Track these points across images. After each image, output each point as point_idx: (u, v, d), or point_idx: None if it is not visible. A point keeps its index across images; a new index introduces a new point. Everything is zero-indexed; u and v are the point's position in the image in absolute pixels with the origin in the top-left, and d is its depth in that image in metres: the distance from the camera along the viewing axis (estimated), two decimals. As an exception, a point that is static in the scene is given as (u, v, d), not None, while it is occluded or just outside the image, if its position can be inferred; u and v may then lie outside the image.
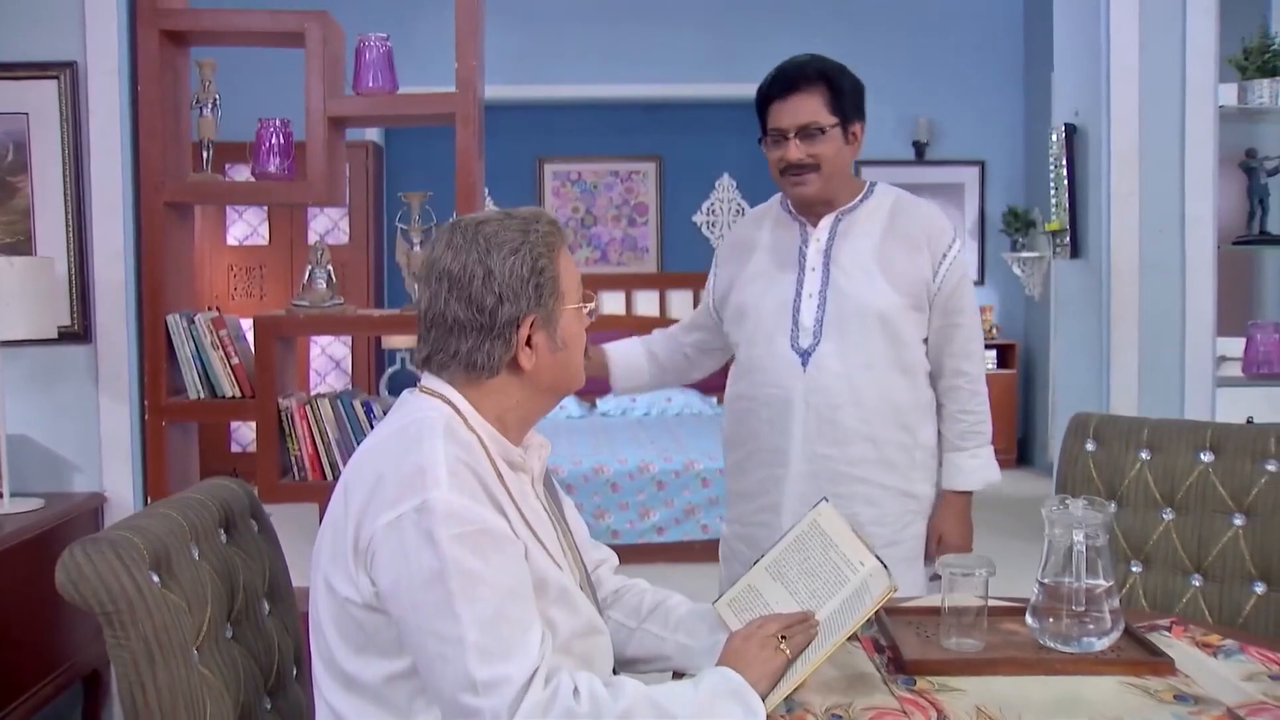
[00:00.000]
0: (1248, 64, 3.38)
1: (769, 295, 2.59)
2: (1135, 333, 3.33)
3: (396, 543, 1.49)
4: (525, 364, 1.66)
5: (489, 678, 1.45)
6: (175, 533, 1.67)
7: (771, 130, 2.52)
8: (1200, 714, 1.60)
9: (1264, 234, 3.52)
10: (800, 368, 2.52)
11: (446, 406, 1.65)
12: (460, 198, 3.25)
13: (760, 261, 2.64)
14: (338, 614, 1.58)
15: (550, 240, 1.69)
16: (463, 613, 1.46)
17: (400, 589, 1.49)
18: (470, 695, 1.45)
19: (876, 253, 2.54)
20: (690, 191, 8.82)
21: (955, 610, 1.88)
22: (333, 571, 1.58)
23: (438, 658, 1.48)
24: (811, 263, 2.57)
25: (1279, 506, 2.37)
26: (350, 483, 1.60)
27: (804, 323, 2.54)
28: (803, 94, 2.48)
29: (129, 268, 3.35)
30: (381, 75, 3.31)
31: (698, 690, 1.57)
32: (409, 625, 1.50)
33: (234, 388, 3.27)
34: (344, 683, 1.60)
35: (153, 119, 3.24)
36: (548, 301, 1.66)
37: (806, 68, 2.50)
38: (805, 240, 2.59)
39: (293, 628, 1.98)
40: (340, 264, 7.59)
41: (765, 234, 2.67)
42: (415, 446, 1.56)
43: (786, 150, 2.49)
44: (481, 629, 1.46)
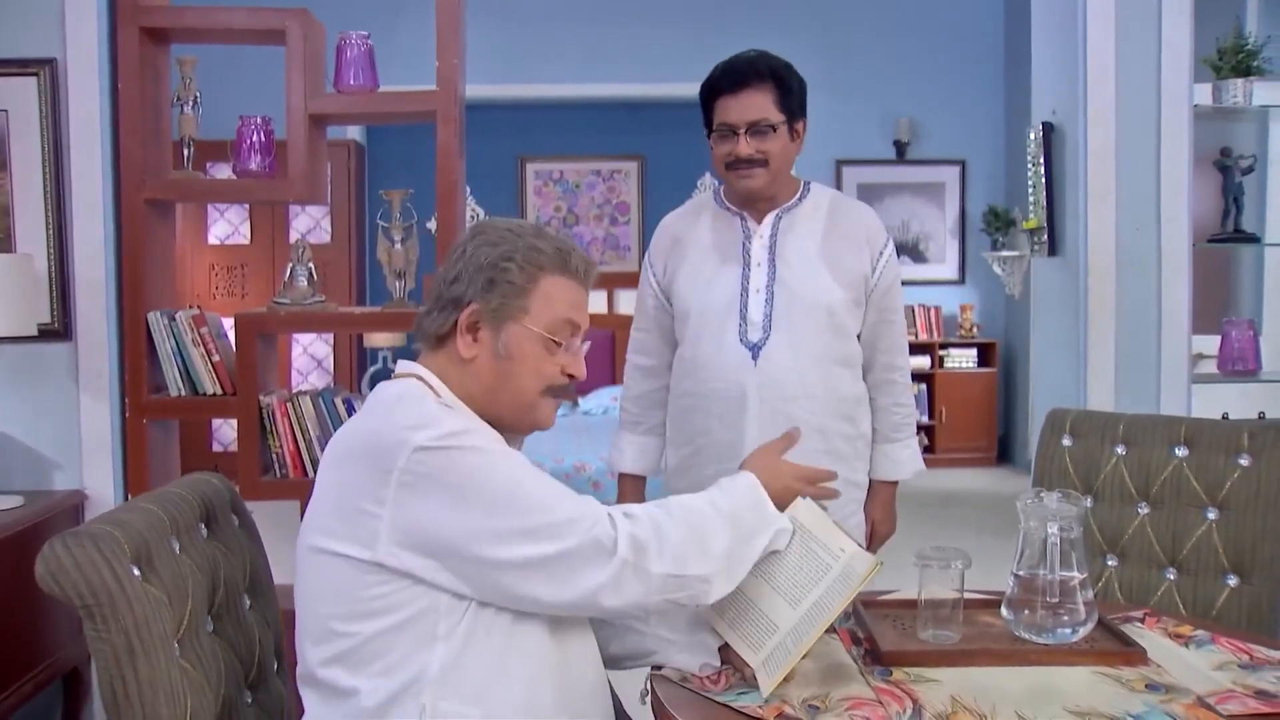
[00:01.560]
0: (1222, 64, 3.41)
1: (715, 291, 2.59)
2: (1112, 330, 3.36)
3: (432, 471, 1.57)
4: (463, 350, 1.73)
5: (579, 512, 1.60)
6: (156, 527, 1.67)
7: (720, 125, 2.52)
8: (1171, 702, 1.63)
9: (1238, 232, 3.56)
10: (751, 362, 2.54)
11: (419, 383, 1.74)
12: (441, 196, 3.25)
13: (701, 257, 2.64)
14: (337, 579, 1.60)
15: (536, 256, 1.74)
16: (528, 482, 1.61)
17: (463, 502, 1.57)
18: (576, 534, 1.58)
19: (820, 249, 2.59)
20: (672, 191, 8.79)
21: (931, 603, 1.90)
22: (332, 541, 1.60)
23: (529, 533, 1.57)
24: (756, 258, 2.58)
25: (1251, 501, 2.40)
26: (338, 456, 1.66)
27: (752, 318, 2.55)
28: (753, 90, 2.49)
29: (109, 265, 3.34)
30: (362, 73, 3.32)
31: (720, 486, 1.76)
32: (486, 531, 1.57)
33: (215, 385, 3.27)
34: (336, 651, 1.62)
35: (133, 116, 3.23)
36: (494, 300, 1.72)
37: (757, 64, 2.51)
38: (748, 236, 2.61)
39: (274, 622, 1.98)
40: (322, 263, 7.53)
41: (704, 230, 2.66)
42: (401, 404, 1.67)
43: (737, 145, 2.50)
44: (551, 487, 1.63)
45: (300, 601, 1.67)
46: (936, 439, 8.22)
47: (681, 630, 1.86)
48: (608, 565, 1.57)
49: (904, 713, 1.60)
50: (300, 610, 1.67)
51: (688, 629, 1.86)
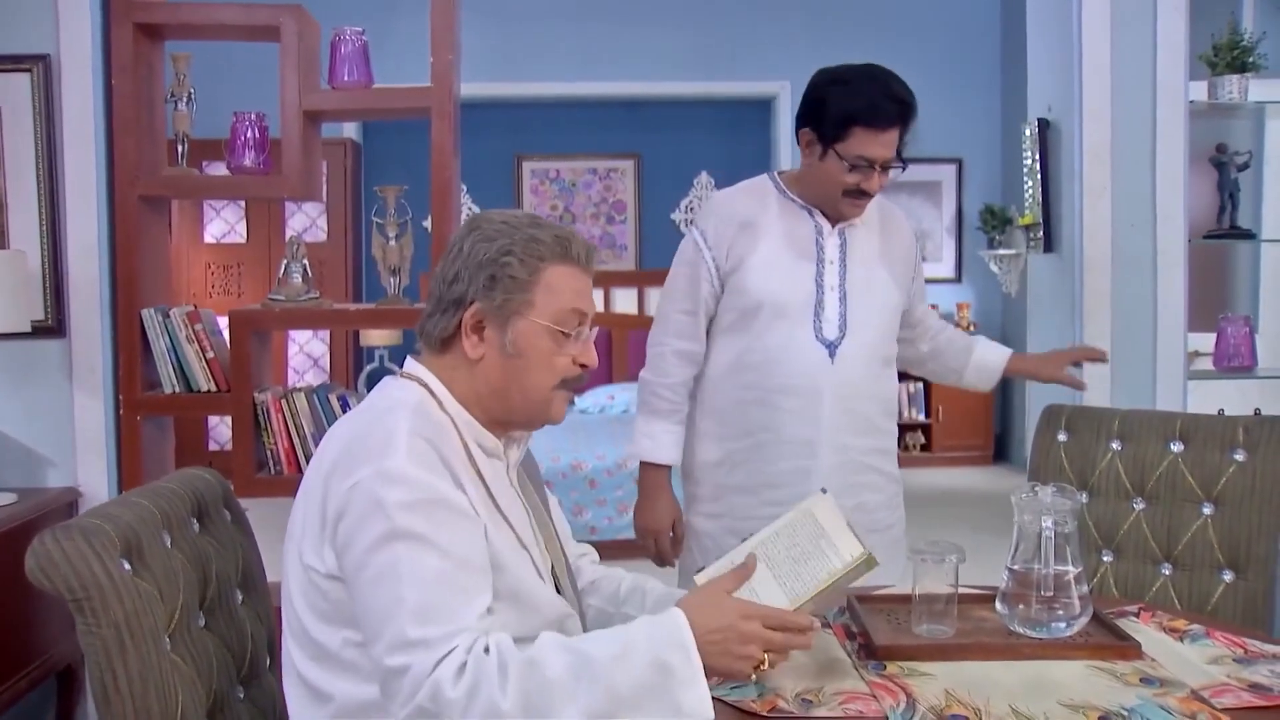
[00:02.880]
0: (1218, 60, 3.40)
1: (790, 284, 2.53)
2: (1108, 326, 3.35)
3: (354, 509, 1.53)
4: (469, 351, 1.70)
5: (420, 636, 1.47)
6: (147, 521, 1.67)
7: (860, 158, 2.42)
8: (1165, 695, 1.62)
9: (1234, 228, 3.55)
10: (828, 360, 2.51)
11: (422, 389, 1.69)
12: (436, 192, 3.25)
13: (773, 248, 2.55)
14: (305, 584, 1.61)
15: (536, 248, 1.69)
16: (405, 574, 1.50)
17: (352, 552, 1.53)
18: (401, 654, 1.47)
19: (880, 252, 2.61)
20: (668, 189, 8.83)
21: (926, 597, 1.90)
22: (303, 542, 1.61)
23: (378, 618, 1.50)
24: (830, 255, 2.55)
25: (1247, 496, 2.40)
26: (321, 457, 1.64)
27: (828, 316, 2.53)
28: (897, 128, 2.43)
29: (103, 262, 3.34)
30: (357, 69, 3.31)
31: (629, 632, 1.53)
32: (357, 587, 1.53)
33: (209, 382, 3.27)
34: (313, 653, 1.62)
35: (127, 112, 3.23)
36: (498, 296, 1.68)
37: (910, 104, 2.44)
38: (820, 232, 2.56)
39: (265, 617, 1.98)
40: (318, 261, 7.59)
41: (772, 219, 2.58)
42: (380, 420, 1.61)
43: (869, 180, 2.45)
44: (422, 591, 1.49)
45: (284, 596, 1.68)
46: (933, 438, 8.22)
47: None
48: (407, 704, 1.46)
49: (897, 707, 1.59)
50: (284, 605, 1.68)
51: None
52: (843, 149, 2.42)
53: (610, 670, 1.46)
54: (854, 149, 2.41)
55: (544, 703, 1.45)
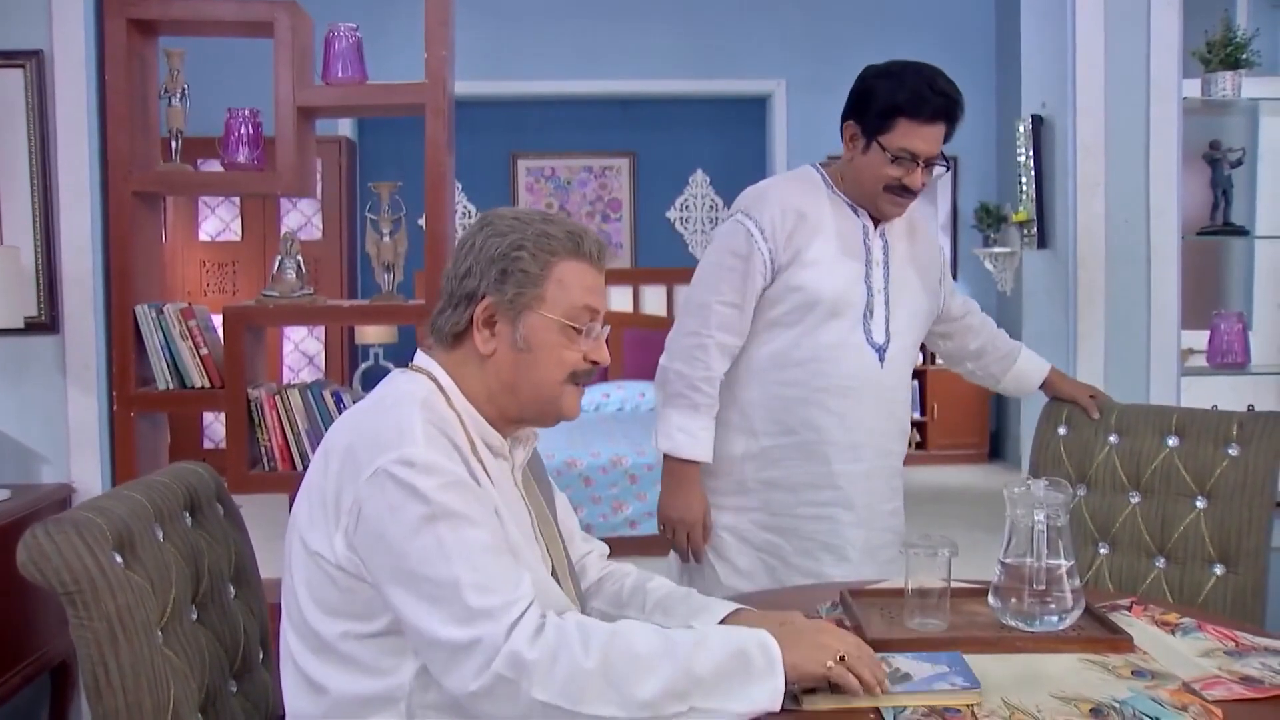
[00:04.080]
0: (1211, 57, 3.40)
1: (847, 283, 2.50)
2: (1101, 322, 3.35)
3: (380, 497, 1.53)
4: (480, 346, 1.70)
5: (484, 605, 1.49)
6: (139, 514, 1.67)
7: (903, 150, 2.40)
8: (1157, 688, 1.63)
9: (1227, 225, 3.55)
10: (878, 363, 2.51)
11: (430, 383, 1.70)
12: (430, 189, 3.25)
13: (828, 244, 2.50)
14: (311, 572, 1.60)
15: (548, 242, 1.69)
16: (454, 553, 1.51)
17: (387, 541, 1.52)
18: (467, 627, 1.48)
19: (911, 256, 2.61)
20: (664, 188, 8.83)
21: (918, 591, 1.90)
22: (310, 531, 1.60)
23: (430, 601, 1.50)
24: (876, 257, 2.54)
25: (1238, 490, 2.41)
26: (330, 446, 1.64)
27: (876, 319, 2.52)
28: (943, 124, 2.41)
29: (97, 258, 3.33)
30: (351, 65, 3.31)
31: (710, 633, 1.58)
32: (397, 577, 1.52)
33: (203, 378, 3.26)
34: (312, 644, 1.62)
35: (120, 108, 3.22)
36: (509, 291, 1.68)
37: (957, 100, 2.41)
38: (866, 233, 2.54)
39: (259, 612, 1.98)
40: (313, 259, 7.58)
41: (825, 214, 2.53)
42: (392, 411, 1.62)
43: (913, 175, 2.42)
44: (474, 567, 1.51)
45: (284, 583, 1.67)
46: (929, 436, 8.23)
47: (678, 616, 1.85)
48: (483, 673, 1.47)
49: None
50: (284, 593, 1.67)
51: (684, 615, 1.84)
52: (886, 140, 2.40)
53: (691, 653, 1.51)
54: (897, 140, 2.39)
55: (626, 670, 1.48)
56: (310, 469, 1.67)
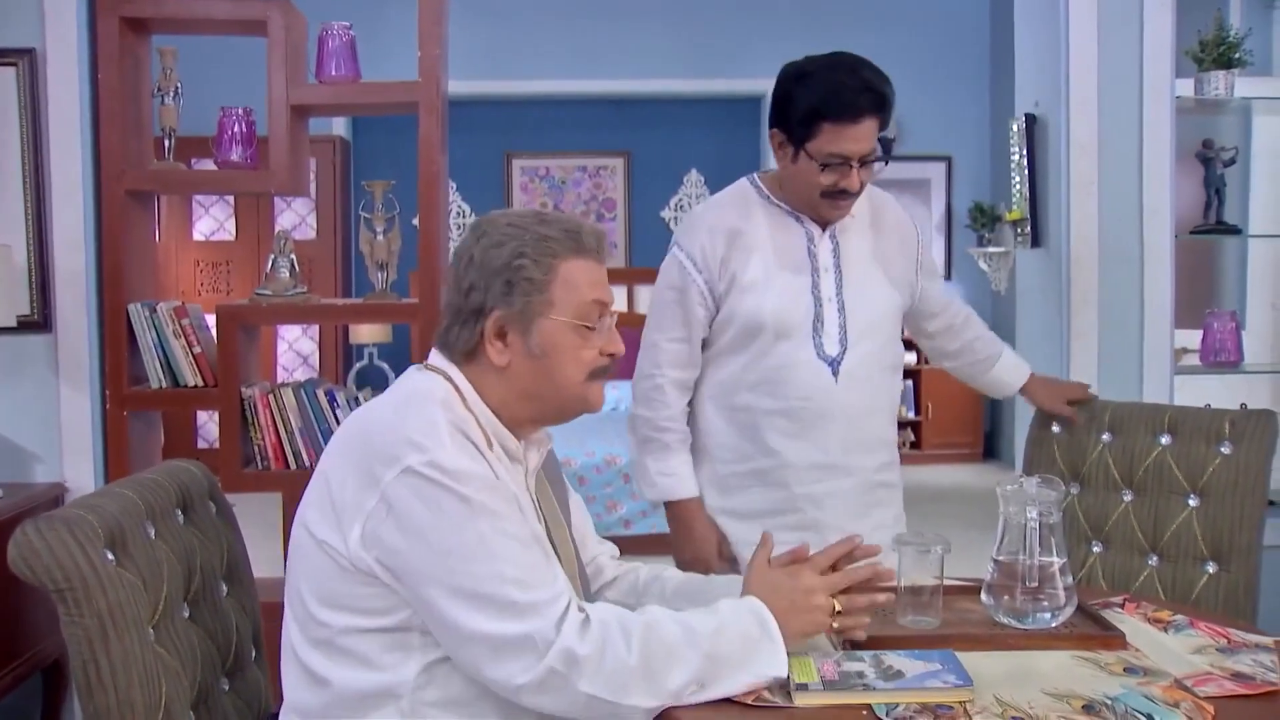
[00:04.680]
0: (1204, 56, 3.41)
1: (788, 300, 2.38)
2: (1095, 321, 3.36)
3: (412, 497, 1.53)
4: (494, 358, 1.69)
5: (531, 600, 1.51)
6: (131, 512, 1.67)
7: (832, 155, 2.26)
8: (1149, 684, 1.63)
9: (1220, 224, 3.56)
10: (832, 378, 2.38)
11: (447, 384, 1.69)
12: (424, 187, 3.25)
13: (764, 262, 2.39)
14: (318, 563, 1.60)
15: (548, 245, 1.69)
16: (497, 549, 1.53)
17: (427, 540, 1.53)
18: (516, 622, 1.50)
19: (874, 253, 2.47)
20: (658, 187, 8.83)
21: (911, 589, 1.90)
22: (319, 523, 1.60)
23: (471, 598, 1.51)
24: (824, 263, 2.41)
25: (1230, 488, 2.42)
26: (347, 440, 1.65)
27: (829, 330, 2.38)
28: (871, 118, 2.26)
29: (89, 256, 3.32)
30: (344, 64, 3.30)
31: (719, 609, 1.64)
32: (435, 575, 1.52)
33: (196, 377, 3.26)
34: (314, 637, 1.62)
35: (113, 107, 3.22)
36: (518, 301, 1.67)
37: (878, 88, 2.25)
38: (811, 239, 2.42)
39: (251, 610, 1.98)
40: (308, 259, 7.56)
41: (760, 230, 2.42)
42: (417, 410, 1.62)
43: (848, 179, 2.28)
44: (516, 563, 1.53)
45: (288, 573, 1.67)
46: (923, 435, 8.23)
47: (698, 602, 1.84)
48: (534, 668, 1.50)
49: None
50: (288, 583, 1.67)
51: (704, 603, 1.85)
52: (813, 147, 2.27)
53: (712, 640, 1.57)
54: (824, 146, 2.25)
55: (660, 662, 1.54)
56: (324, 460, 1.66)
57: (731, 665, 1.57)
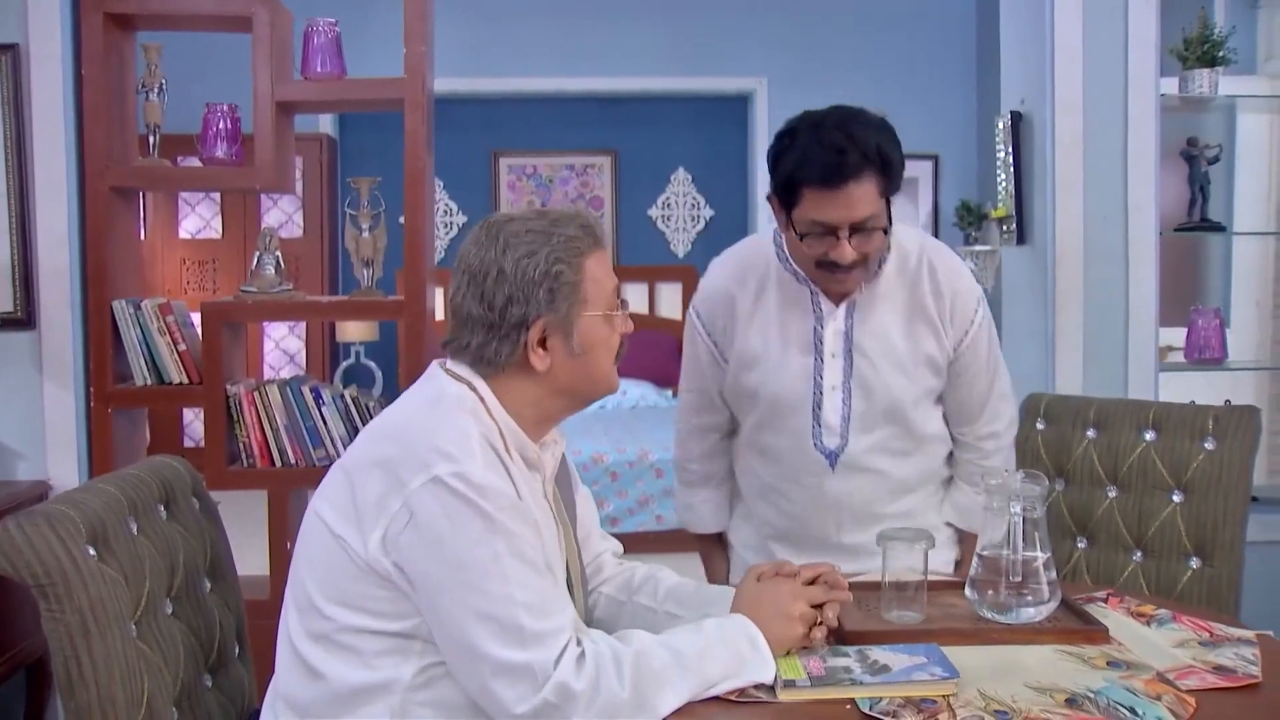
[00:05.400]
0: (1188, 54, 3.42)
1: (785, 381, 2.22)
2: (1080, 317, 3.37)
3: (436, 506, 1.54)
4: (537, 365, 1.69)
5: (537, 630, 1.52)
6: (113, 507, 1.66)
7: (815, 223, 2.03)
8: (1131, 678, 1.63)
9: (1205, 221, 3.57)
10: (829, 468, 2.23)
11: (471, 393, 1.68)
12: (409, 184, 3.24)
13: (765, 331, 2.23)
14: (331, 557, 1.60)
15: (576, 245, 1.70)
16: (511, 572, 1.54)
17: (445, 551, 1.53)
18: (520, 650, 1.51)
19: (902, 334, 2.20)
20: (646, 185, 8.82)
21: (896, 584, 1.90)
22: (339, 520, 1.60)
23: (482, 616, 1.52)
24: (831, 348, 2.19)
25: (1214, 484, 2.42)
26: (376, 441, 1.66)
27: (827, 420, 2.20)
28: (860, 183, 1.99)
29: (73, 253, 3.31)
30: (330, 60, 3.30)
31: (703, 629, 1.66)
32: (449, 587, 1.53)
33: (181, 374, 3.25)
34: (314, 629, 1.62)
35: (97, 103, 3.20)
36: (561, 306, 1.68)
37: (863, 147, 1.98)
38: (820, 319, 2.20)
39: (235, 606, 1.97)
40: (294, 257, 7.56)
41: (769, 295, 2.24)
42: (449, 418, 1.62)
43: (838, 249, 2.03)
44: (529, 588, 1.54)
45: (295, 563, 1.67)
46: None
47: (691, 606, 1.87)
48: (530, 699, 1.51)
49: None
50: (292, 573, 1.67)
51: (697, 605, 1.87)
52: (797, 215, 2.05)
53: (700, 661, 1.59)
54: (807, 213, 2.03)
55: (650, 691, 1.55)
56: (348, 456, 1.67)
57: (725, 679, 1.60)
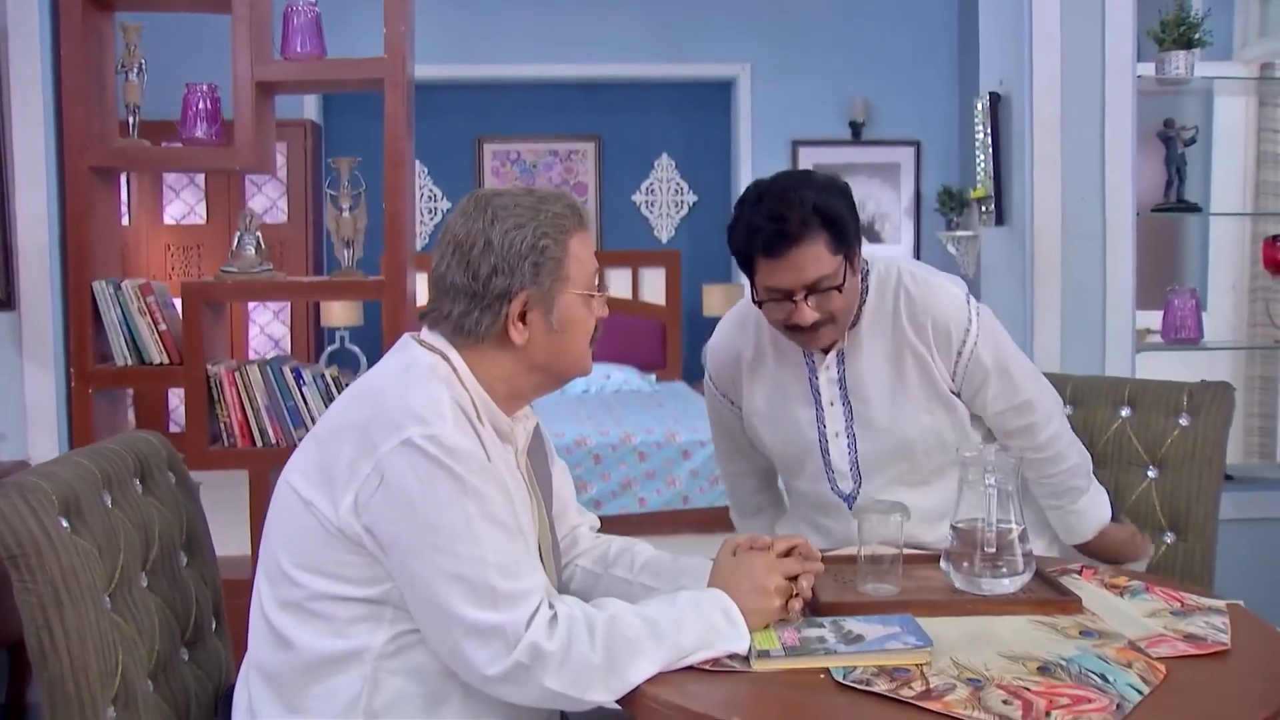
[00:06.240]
0: (1165, 36, 3.43)
1: (792, 438, 2.27)
2: (1057, 298, 3.39)
3: (407, 468, 1.54)
4: (516, 339, 1.70)
5: (509, 591, 1.53)
6: (87, 480, 1.66)
7: (769, 289, 2.07)
8: (1103, 646, 1.65)
9: (1181, 202, 3.59)
10: (848, 510, 2.24)
11: (443, 362, 1.69)
12: (390, 165, 3.23)
13: (767, 391, 2.29)
14: (300, 523, 1.61)
15: (562, 223, 1.71)
16: (482, 533, 1.54)
17: (416, 513, 1.54)
18: (491, 611, 1.51)
19: (892, 372, 2.20)
20: (629, 171, 8.82)
21: (871, 558, 1.91)
22: (309, 486, 1.61)
23: (454, 578, 1.52)
24: (828, 397, 2.23)
25: (1187, 460, 2.44)
26: (348, 404, 1.66)
27: (838, 466, 2.25)
28: (803, 247, 2.01)
29: (53, 234, 3.30)
30: (310, 41, 3.28)
31: (677, 601, 1.65)
32: (421, 548, 1.53)
33: (162, 354, 3.24)
34: (284, 596, 1.62)
35: (77, 83, 3.18)
36: (545, 281, 1.69)
37: (799, 211, 2.00)
38: (813, 370, 2.24)
39: (212, 581, 1.97)
40: (279, 243, 7.53)
41: (766, 354, 2.29)
42: (421, 383, 1.63)
43: (797, 314, 2.07)
44: (500, 550, 1.54)
45: (266, 533, 1.68)
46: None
47: (665, 578, 1.88)
48: (502, 660, 1.51)
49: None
50: (263, 543, 1.68)
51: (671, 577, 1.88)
52: (758, 283, 2.10)
53: (674, 630, 1.59)
54: (763, 281, 2.08)
55: (623, 659, 1.55)
56: (320, 424, 1.68)
57: (699, 648, 1.60)
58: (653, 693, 1.54)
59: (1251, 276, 4.24)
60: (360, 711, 1.59)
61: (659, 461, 5.85)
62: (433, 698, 1.61)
